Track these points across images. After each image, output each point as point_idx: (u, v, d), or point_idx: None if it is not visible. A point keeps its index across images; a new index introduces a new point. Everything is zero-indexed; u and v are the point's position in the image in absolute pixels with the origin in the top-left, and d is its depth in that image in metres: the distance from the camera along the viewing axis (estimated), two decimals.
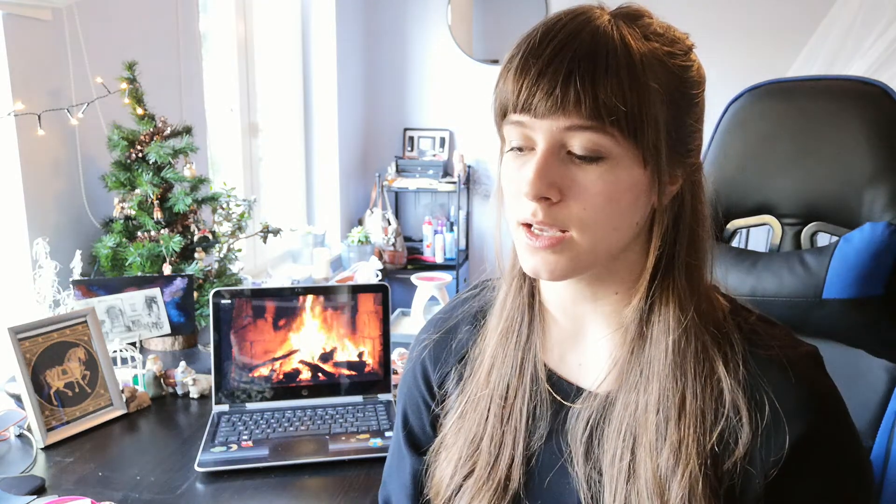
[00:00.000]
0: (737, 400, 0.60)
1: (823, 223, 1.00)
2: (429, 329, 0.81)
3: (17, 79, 1.48)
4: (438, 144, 3.77)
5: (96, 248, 1.62)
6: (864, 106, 0.95)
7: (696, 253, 0.64)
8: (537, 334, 0.71)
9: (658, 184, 0.60)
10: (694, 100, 0.62)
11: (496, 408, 0.70)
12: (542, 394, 0.69)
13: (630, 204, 0.60)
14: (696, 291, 0.64)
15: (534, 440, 0.69)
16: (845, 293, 0.89)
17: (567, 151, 0.59)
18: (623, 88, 0.56)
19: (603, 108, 0.56)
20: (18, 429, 1.20)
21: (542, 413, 0.69)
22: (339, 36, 3.28)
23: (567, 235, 0.60)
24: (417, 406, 0.80)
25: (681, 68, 0.61)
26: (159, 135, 1.69)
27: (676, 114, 0.61)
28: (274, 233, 1.98)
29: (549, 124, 0.58)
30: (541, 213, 0.59)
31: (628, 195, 0.59)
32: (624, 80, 0.56)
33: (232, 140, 2.72)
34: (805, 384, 0.61)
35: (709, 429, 0.61)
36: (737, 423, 0.60)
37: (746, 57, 3.26)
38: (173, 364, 1.44)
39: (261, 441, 1.15)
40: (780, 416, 0.60)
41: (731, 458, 0.60)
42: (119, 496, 1.01)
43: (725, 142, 1.04)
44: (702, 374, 0.61)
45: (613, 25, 0.58)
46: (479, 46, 3.65)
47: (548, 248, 0.60)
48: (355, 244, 3.34)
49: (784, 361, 0.62)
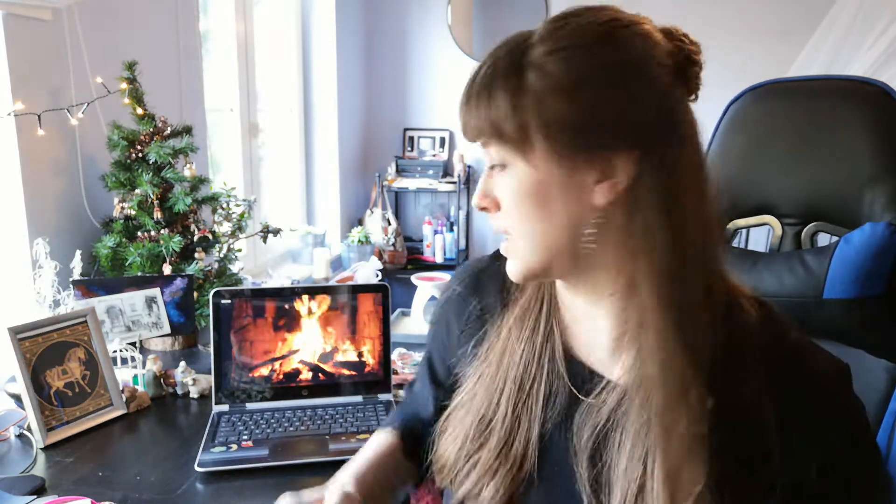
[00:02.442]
0: (758, 417, 0.60)
1: (823, 223, 1.00)
2: (461, 276, 0.84)
3: (17, 79, 1.48)
4: (438, 144, 3.77)
5: (96, 248, 1.62)
6: (864, 106, 0.95)
7: (683, 255, 0.60)
8: (557, 322, 0.72)
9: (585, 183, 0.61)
10: (612, 90, 0.59)
11: (509, 390, 0.71)
12: (562, 378, 0.70)
13: (548, 206, 0.63)
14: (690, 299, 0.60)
15: (549, 423, 0.70)
16: (845, 293, 0.89)
17: (492, 167, 0.66)
18: (502, 103, 0.61)
19: (487, 125, 0.63)
20: (18, 429, 1.20)
21: (559, 397, 0.70)
22: (339, 36, 3.28)
23: (511, 240, 0.67)
24: (442, 346, 0.85)
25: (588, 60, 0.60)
26: (159, 135, 1.69)
27: (582, 112, 0.59)
28: (274, 233, 1.98)
29: (479, 146, 0.67)
30: (492, 223, 0.68)
31: (540, 198, 0.63)
32: (503, 94, 0.61)
33: (232, 140, 2.72)
34: (832, 404, 0.62)
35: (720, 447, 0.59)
36: (754, 440, 0.60)
37: (746, 57, 3.26)
38: (173, 364, 1.44)
39: (261, 441, 1.15)
40: (802, 437, 0.60)
41: (750, 476, 0.60)
42: (119, 496, 1.01)
43: (725, 142, 1.04)
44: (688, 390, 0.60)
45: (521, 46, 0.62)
46: (479, 46, 3.65)
47: (505, 251, 0.69)
48: (355, 244, 3.34)
49: (813, 378, 0.62)
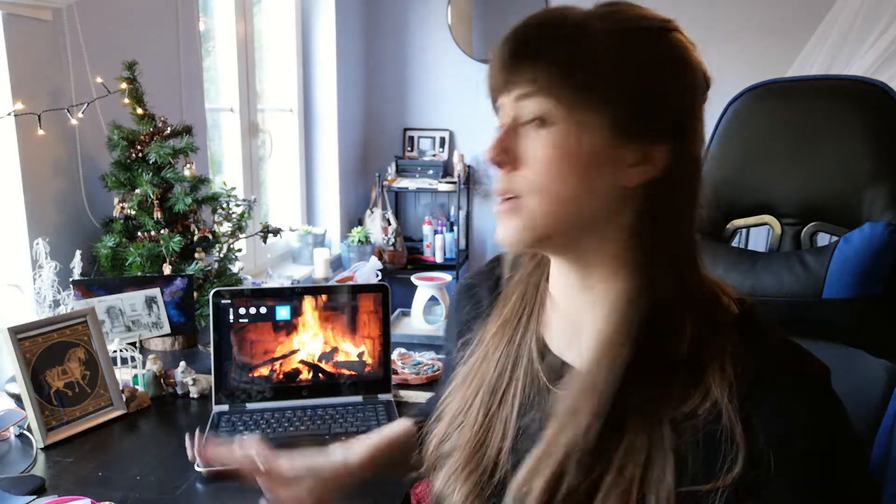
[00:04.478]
0: (729, 418, 0.58)
1: (823, 223, 1.00)
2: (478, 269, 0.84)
3: (17, 79, 1.48)
4: (438, 144, 3.77)
5: (96, 248, 1.62)
6: (864, 106, 0.95)
7: (686, 248, 0.63)
8: (537, 324, 0.71)
9: (622, 161, 0.61)
10: (667, 81, 0.61)
11: (484, 395, 0.71)
12: (539, 381, 0.69)
13: (583, 173, 0.61)
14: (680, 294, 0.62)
15: (524, 427, 0.68)
16: (845, 293, 0.89)
17: (522, 123, 0.62)
18: (566, 57, 0.59)
19: (544, 74, 0.59)
20: (18, 429, 1.20)
21: (535, 401, 0.69)
22: (339, 36, 3.28)
23: (519, 201, 0.63)
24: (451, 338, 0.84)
25: (651, 48, 0.61)
26: (159, 135, 1.69)
27: (640, 93, 0.60)
28: (274, 233, 1.98)
29: (506, 100, 0.63)
30: (499, 182, 0.64)
31: (580, 164, 0.60)
32: (567, 49, 0.59)
33: (232, 140, 2.72)
34: (809, 405, 0.59)
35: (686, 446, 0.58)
36: (727, 442, 0.58)
37: (746, 57, 3.25)
38: (173, 364, 1.44)
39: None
40: (779, 439, 0.57)
41: (720, 479, 0.58)
42: (119, 496, 1.01)
43: (725, 142, 1.04)
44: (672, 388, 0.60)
45: (576, 11, 0.61)
46: (479, 46, 3.65)
47: (504, 213, 0.64)
48: (355, 244, 3.34)
49: (789, 378, 0.59)
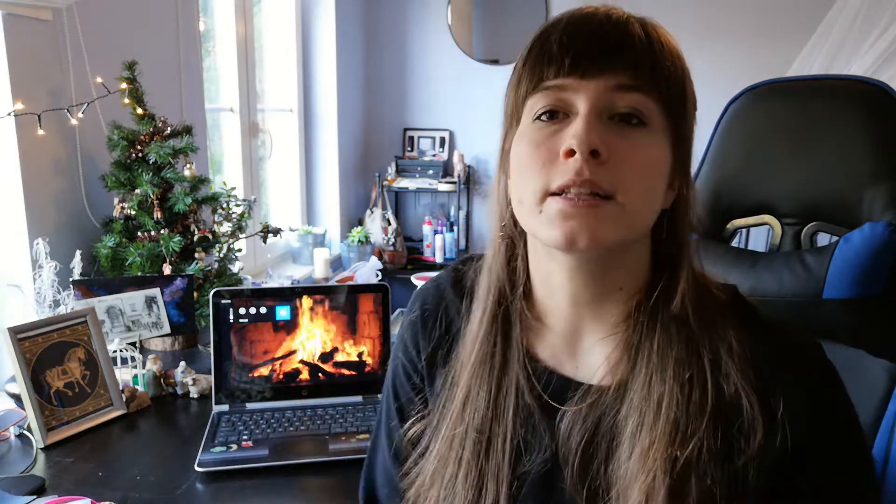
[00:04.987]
0: (734, 399, 0.59)
1: (823, 223, 0.99)
2: (415, 305, 0.76)
3: (17, 79, 1.48)
4: (438, 144, 3.77)
5: (96, 248, 1.62)
6: (864, 106, 0.94)
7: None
8: (517, 360, 0.66)
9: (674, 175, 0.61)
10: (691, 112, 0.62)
11: (472, 444, 0.65)
12: (535, 416, 0.65)
13: (661, 182, 0.59)
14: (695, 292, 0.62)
15: (522, 473, 0.64)
16: (845, 293, 0.89)
17: (609, 116, 0.56)
18: (670, 61, 0.57)
19: (655, 71, 0.55)
20: (18, 429, 1.20)
21: (532, 441, 0.65)
22: (339, 36, 3.28)
23: (612, 201, 0.55)
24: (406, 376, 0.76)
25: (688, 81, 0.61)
26: (159, 135, 1.69)
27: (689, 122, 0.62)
28: (274, 233, 1.98)
29: (595, 84, 0.55)
30: (587, 171, 0.54)
31: (660, 172, 0.59)
32: (670, 55, 0.57)
33: (232, 140, 2.72)
34: (809, 373, 0.60)
35: (693, 433, 0.58)
36: (735, 423, 0.59)
37: (746, 57, 3.25)
38: (173, 364, 1.44)
39: (261, 441, 1.15)
40: (781, 415, 0.58)
41: (728, 461, 0.58)
42: (119, 496, 1.01)
43: (725, 142, 1.04)
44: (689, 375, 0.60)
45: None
46: (479, 46, 3.65)
47: (591, 208, 0.54)
48: (355, 244, 3.34)
49: (785, 356, 0.61)
